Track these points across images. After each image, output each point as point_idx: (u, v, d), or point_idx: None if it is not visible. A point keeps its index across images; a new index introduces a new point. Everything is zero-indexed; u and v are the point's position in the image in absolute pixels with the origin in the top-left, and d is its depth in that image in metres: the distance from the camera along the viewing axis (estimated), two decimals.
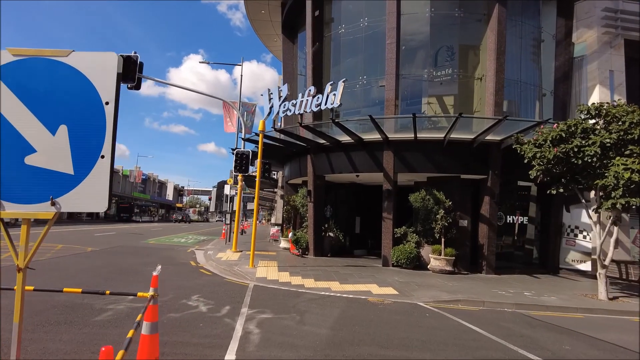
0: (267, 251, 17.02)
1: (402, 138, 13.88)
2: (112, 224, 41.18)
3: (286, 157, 18.66)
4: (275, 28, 22.62)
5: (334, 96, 11.94)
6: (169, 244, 19.56)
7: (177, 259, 14.05)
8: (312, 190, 16.01)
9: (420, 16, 15.28)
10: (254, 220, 12.63)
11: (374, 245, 18.59)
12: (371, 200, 18.57)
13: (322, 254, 16.03)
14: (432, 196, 13.60)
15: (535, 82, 15.94)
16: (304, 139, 15.07)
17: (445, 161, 13.87)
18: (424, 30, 15.43)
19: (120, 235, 23.66)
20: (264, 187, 28.71)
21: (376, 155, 14.34)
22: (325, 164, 15.63)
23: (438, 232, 13.30)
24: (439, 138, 13.53)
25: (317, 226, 15.97)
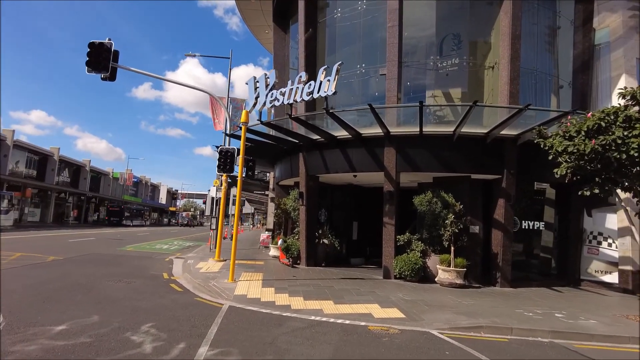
0: (254, 260, 15.31)
1: (405, 133, 12.26)
2: (99, 229, 39.33)
3: (277, 155, 17.00)
4: (267, 18, 21.01)
5: (329, 83, 10.30)
6: (149, 251, 17.81)
7: (149, 269, 12.33)
8: (304, 192, 14.35)
9: None
10: (235, 225, 10.90)
11: (373, 254, 16.90)
12: (370, 204, 16.92)
13: (315, 263, 14.34)
14: (440, 199, 11.96)
15: (551, 73, 14.38)
16: (295, 134, 13.42)
17: (454, 159, 12.24)
18: (428, 14, 13.85)
19: (98, 241, 21.88)
20: (255, 189, 27.02)
21: (376, 152, 12.70)
22: (319, 163, 13.98)
23: (447, 239, 11.65)
24: (448, 132, 11.92)
25: (310, 232, 14.29)
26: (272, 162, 18.28)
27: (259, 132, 13.24)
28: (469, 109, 9.97)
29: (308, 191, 14.39)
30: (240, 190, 10.38)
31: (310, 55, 15.20)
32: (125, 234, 31.63)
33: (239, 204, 10.35)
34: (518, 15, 12.45)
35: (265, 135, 13.49)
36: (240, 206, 10.25)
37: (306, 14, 15.21)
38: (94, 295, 7.90)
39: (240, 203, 28.91)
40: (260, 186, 24.54)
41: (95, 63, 12.92)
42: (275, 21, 19.18)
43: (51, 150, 45.04)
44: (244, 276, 11.28)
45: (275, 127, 12.71)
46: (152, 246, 20.76)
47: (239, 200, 10.55)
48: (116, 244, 20.15)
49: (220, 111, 20.37)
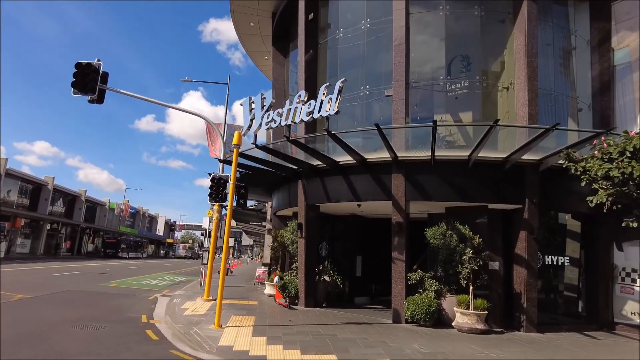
0: (247, 300, 13.81)
1: (415, 158, 11.11)
2: (91, 261, 37.67)
3: (274, 184, 15.81)
4: (266, 43, 20.39)
5: (330, 102, 9.26)
6: (133, 288, 16.31)
7: (127, 311, 10.88)
8: (303, 223, 13.06)
9: (431, 17, 12.92)
10: (223, 259, 9.51)
11: (379, 291, 15.43)
12: (375, 237, 15.59)
13: (315, 303, 12.84)
14: (456, 231, 10.66)
15: (568, 95, 13.40)
16: (294, 159, 12.28)
17: (470, 187, 11.04)
18: (436, 35, 13.02)
19: (83, 275, 20.36)
20: (252, 220, 25.67)
21: (383, 179, 11.52)
22: (319, 191, 12.77)
23: (465, 277, 10.26)
24: (462, 158, 10.77)
25: (310, 268, 12.89)
26: (269, 190, 17.07)
27: (254, 157, 12.11)
28: (489, 130, 8.85)
29: (307, 222, 13.11)
30: (231, 220, 9.13)
31: (311, 77, 14.31)
32: (116, 267, 30.01)
33: (228, 236, 9.06)
34: (533, 33, 11.60)
35: (260, 160, 12.36)
36: (228, 237, 8.96)
37: (306, 34, 14.45)
38: (45, 350, 6.50)
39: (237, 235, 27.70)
40: (258, 217, 23.23)
41: (81, 84, 12.03)
42: (274, 45, 18.51)
43: (45, 180, 44.02)
44: (233, 320, 9.84)
45: (271, 152, 11.60)
46: (139, 281, 19.22)
47: (227, 231, 9.25)
48: (101, 279, 18.63)
49: (216, 138, 19.37)
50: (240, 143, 9.55)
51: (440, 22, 12.70)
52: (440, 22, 12.68)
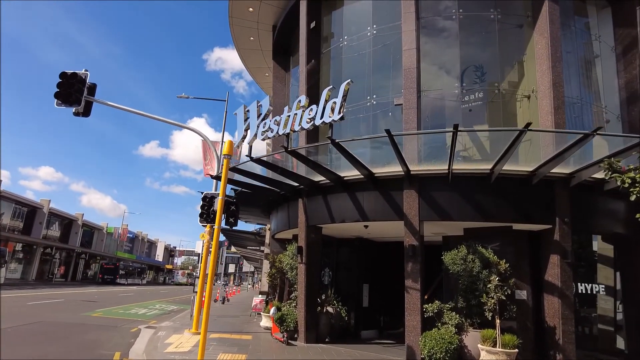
0: (240, 333, 12.31)
1: (429, 172, 9.89)
2: (84, 287, 36.04)
3: (272, 203, 14.55)
4: (267, 59, 19.58)
5: (335, 106, 8.12)
6: (118, 318, 14.82)
7: (102, 346, 9.46)
8: (304, 247, 11.72)
9: (443, 21, 11.96)
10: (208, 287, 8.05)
11: (388, 324, 13.91)
12: (384, 263, 14.27)
13: (316, 338, 11.35)
14: (478, 255, 9.31)
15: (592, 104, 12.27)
16: (294, 174, 11.07)
17: (492, 205, 9.77)
18: (448, 39, 12.05)
19: (66, 303, 18.86)
20: (249, 244, 24.24)
21: (393, 196, 10.27)
22: (322, 211, 11.50)
23: (490, 309, 8.83)
24: (483, 171, 9.54)
25: (311, 298, 11.47)
26: (267, 210, 15.79)
27: (248, 173, 10.92)
28: (519, 135, 7.64)
29: (309, 245, 11.78)
30: (218, 242, 7.83)
31: (313, 88, 13.28)
32: (107, 294, 28.40)
33: (215, 259, 7.74)
34: (557, 36, 10.59)
35: (256, 176, 11.15)
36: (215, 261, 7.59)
37: (308, 43, 13.54)
38: None
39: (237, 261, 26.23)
40: (256, 241, 21.84)
41: (65, 95, 11.07)
42: (274, 59, 17.66)
43: (41, 203, 42.94)
44: (223, 357, 8.40)
45: (267, 165, 10.40)
46: (126, 311, 17.71)
47: (214, 253, 7.94)
48: (84, 308, 17.14)
49: (212, 157, 18.27)
50: (231, 153, 8.37)
51: (453, 26, 11.72)
52: (453, 27, 11.70)
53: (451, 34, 11.76)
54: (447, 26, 11.85)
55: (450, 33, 11.78)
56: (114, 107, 12.93)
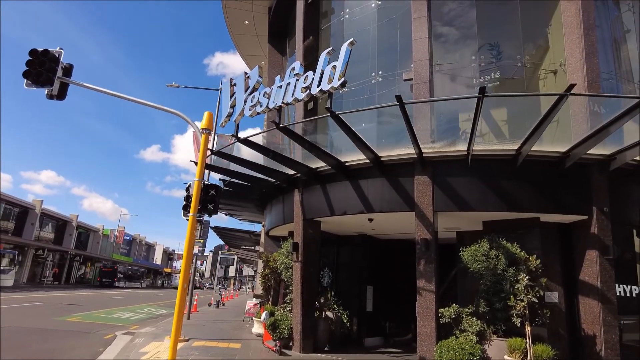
0: (228, 341, 10.91)
1: (445, 154, 8.53)
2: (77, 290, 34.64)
3: (266, 196, 13.19)
4: (262, 46, 18.31)
5: (335, 70, 6.79)
6: (95, 323, 13.43)
7: (64, 355, 8.09)
8: (300, 243, 10.36)
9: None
10: (180, 286, 6.67)
11: (395, 331, 12.52)
12: (390, 263, 12.90)
13: (314, 347, 9.96)
14: (503, 251, 7.93)
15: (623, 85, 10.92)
16: (288, 160, 9.70)
17: (518, 192, 8.39)
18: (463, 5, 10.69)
19: (45, 307, 17.46)
20: (243, 244, 22.86)
21: (402, 184, 8.91)
22: (320, 202, 10.14)
23: (519, 314, 7.44)
24: (508, 153, 8.19)
25: (308, 301, 10.09)
26: (261, 205, 14.43)
27: (236, 158, 9.58)
28: (558, 101, 6.26)
29: (306, 242, 10.41)
30: (194, 234, 6.46)
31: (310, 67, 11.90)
32: (97, 296, 26.99)
33: (190, 253, 6.37)
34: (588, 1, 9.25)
35: (244, 162, 9.80)
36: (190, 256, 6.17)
37: (305, 19, 12.26)
38: None
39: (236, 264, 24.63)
40: (251, 240, 20.47)
41: (36, 74, 9.77)
42: (270, 42, 16.39)
43: (33, 203, 41.65)
44: None
45: (257, 148, 9.01)
46: (109, 315, 16.31)
47: (188, 245, 6.59)
48: (62, 312, 15.75)
49: None
50: (210, 127, 7.07)
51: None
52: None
53: (465, 3, 10.44)
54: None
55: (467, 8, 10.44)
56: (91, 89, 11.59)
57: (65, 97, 10.78)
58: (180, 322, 6.21)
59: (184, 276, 6.45)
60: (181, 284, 6.40)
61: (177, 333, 6.12)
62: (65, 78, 10.46)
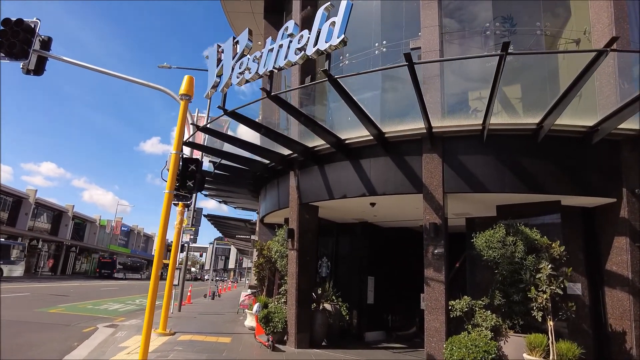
0: (218, 335, 10.10)
1: (458, 129, 7.64)
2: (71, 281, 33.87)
3: (260, 180, 12.30)
4: (258, 23, 17.29)
5: (333, 27, 5.88)
6: (79, 315, 12.64)
7: (31, 349, 7.28)
8: (295, 229, 9.50)
9: None
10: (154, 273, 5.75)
11: (397, 324, 11.72)
12: (393, 252, 12.10)
13: (311, 342, 9.15)
14: (522, 237, 7.07)
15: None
16: (282, 137, 8.78)
17: (538, 172, 7.48)
18: None
19: (29, 297, 16.66)
20: (239, 233, 22.05)
21: (409, 163, 8.02)
22: (318, 185, 9.27)
23: (540, 307, 6.60)
24: (529, 127, 7.30)
25: (304, 292, 9.26)
26: (255, 191, 13.57)
27: (224, 135, 8.69)
28: (596, 58, 5.33)
29: (302, 228, 9.56)
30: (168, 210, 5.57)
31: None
32: (89, 287, 26.24)
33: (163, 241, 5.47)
34: None
35: (233, 140, 8.90)
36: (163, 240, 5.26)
37: None
38: None
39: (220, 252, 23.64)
40: (246, 229, 19.65)
41: (8, 46, 8.93)
42: (266, 18, 15.45)
43: (26, 193, 40.82)
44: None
45: (246, 122, 8.07)
46: (96, 306, 15.53)
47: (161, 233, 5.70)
48: (47, 303, 14.96)
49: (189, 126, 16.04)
50: (190, 93, 6.20)
51: None
52: None
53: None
54: None
55: None
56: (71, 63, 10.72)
57: (43, 72, 10.03)
58: (151, 318, 5.40)
59: (157, 263, 5.59)
60: (154, 272, 5.55)
61: (148, 330, 5.31)
62: (43, 51, 9.69)
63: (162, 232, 5.68)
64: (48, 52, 9.79)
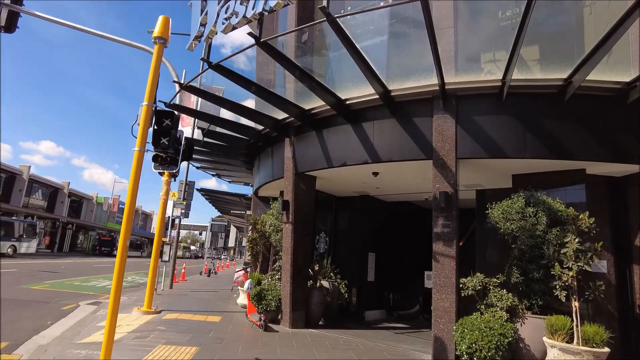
0: (207, 313, 9.43)
1: (473, 86, 6.75)
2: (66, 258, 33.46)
3: (253, 150, 11.45)
4: None
5: None
6: (63, 291, 12.01)
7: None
8: (291, 201, 8.71)
9: None
10: (121, 244, 4.97)
11: (399, 303, 11.09)
12: (395, 227, 11.37)
13: (306, 321, 8.49)
14: (543, 207, 6.28)
15: None
16: (274, 97, 7.87)
17: (565, 135, 6.61)
18: None
19: (17, 274, 16.00)
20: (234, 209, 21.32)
21: (418, 125, 7.15)
22: (315, 152, 8.42)
23: (565, 286, 5.85)
24: (555, 83, 6.41)
25: (300, 268, 8.54)
26: (249, 162, 12.73)
27: (211, 95, 7.79)
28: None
29: (298, 199, 8.76)
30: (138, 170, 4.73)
31: None
32: (81, 264, 25.73)
33: (132, 206, 4.63)
34: None
35: (221, 101, 7.99)
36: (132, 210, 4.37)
37: None
38: None
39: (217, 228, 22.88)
40: (242, 205, 18.89)
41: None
42: None
43: (20, 169, 39.96)
44: (156, 355, 5.49)
45: (234, 77, 7.15)
46: (85, 282, 14.91)
47: (130, 197, 4.87)
48: (33, 279, 14.32)
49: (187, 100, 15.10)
50: (166, 36, 5.26)
51: None
52: None
53: None
54: None
55: None
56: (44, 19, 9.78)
57: (15, 30, 9.17)
58: (117, 298, 4.63)
59: (125, 233, 4.80)
60: (122, 242, 4.76)
61: (114, 302, 4.54)
62: (14, 5, 8.79)
63: (130, 196, 4.87)
64: (20, 6, 8.92)
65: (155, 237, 9.73)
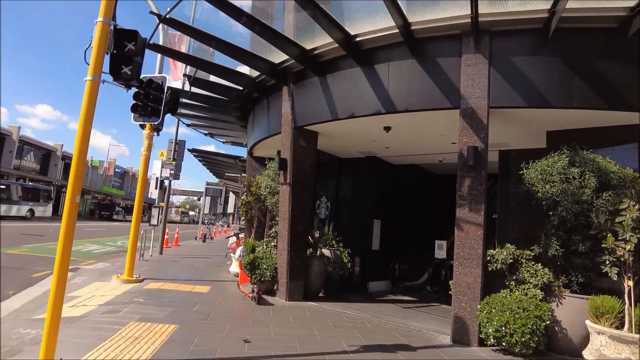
0: (196, 282, 8.54)
1: (513, 17, 5.49)
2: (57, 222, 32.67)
3: (247, 103, 10.22)
4: None
5: None
6: (41, 256, 11.10)
7: None
8: (289, 160, 7.62)
9: None
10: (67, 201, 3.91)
11: (405, 274, 10.24)
12: (403, 193, 10.36)
13: (305, 293, 7.59)
14: (592, 168, 5.21)
15: None
16: (271, 32, 6.58)
17: (620, 80, 5.43)
18: None
19: None
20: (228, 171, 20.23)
21: (442, 67, 5.94)
22: (318, 102, 7.24)
23: (617, 262, 4.86)
24: (614, 14, 5.16)
25: (298, 234, 7.55)
26: (243, 118, 11.52)
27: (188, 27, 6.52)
28: None
29: (296, 157, 7.67)
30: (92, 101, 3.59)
31: None
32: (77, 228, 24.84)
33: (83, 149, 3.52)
34: None
35: (205, 37, 6.71)
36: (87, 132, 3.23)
37: None
38: None
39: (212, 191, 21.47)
40: (237, 167, 17.76)
41: None
42: None
43: (9, 130, 38.56)
44: (122, 337, 4.55)
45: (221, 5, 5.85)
46: None
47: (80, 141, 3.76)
48: (12, 243, 13.51)
49: None
50: None
51: None
52: None
53: None
54: None
55: None
56: None
57: None
58: (66, 263, 3.63)
59: (75, 181, 3.73)
60: (69, 196, 3.71)
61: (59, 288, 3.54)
62: None
63: (81, 138, 3.76)
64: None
65: (136, 198, 8.69)
